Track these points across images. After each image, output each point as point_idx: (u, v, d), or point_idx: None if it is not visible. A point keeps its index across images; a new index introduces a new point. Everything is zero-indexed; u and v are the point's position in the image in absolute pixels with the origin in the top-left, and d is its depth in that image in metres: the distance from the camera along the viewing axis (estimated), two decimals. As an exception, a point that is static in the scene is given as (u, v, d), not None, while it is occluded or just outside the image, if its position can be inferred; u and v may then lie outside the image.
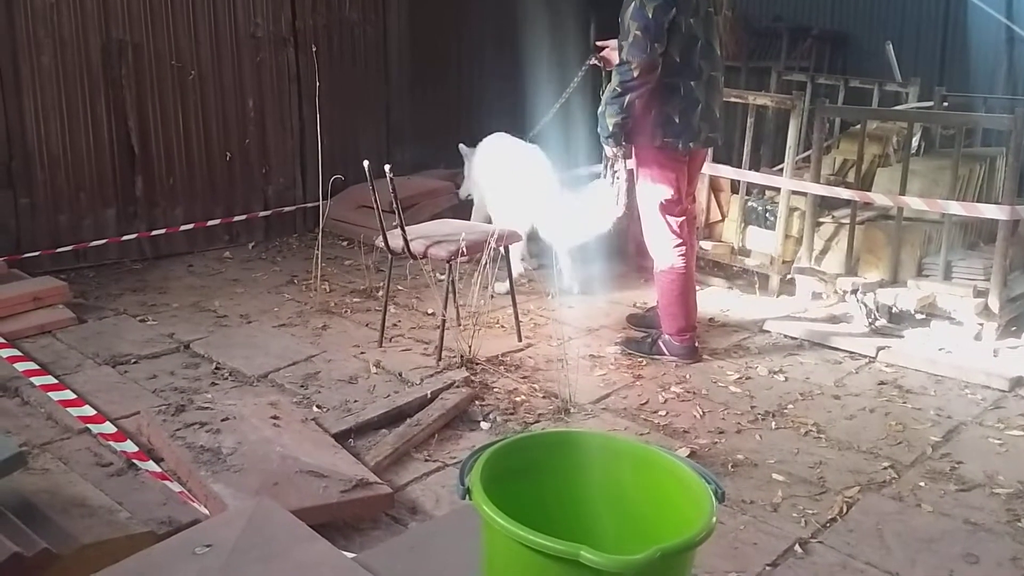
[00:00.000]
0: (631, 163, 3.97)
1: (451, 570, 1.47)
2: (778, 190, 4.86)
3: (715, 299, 4.88)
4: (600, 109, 3.72)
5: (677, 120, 3.70)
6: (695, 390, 3.76)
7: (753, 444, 3.31)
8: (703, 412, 3.55)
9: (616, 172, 3.90)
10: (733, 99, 4.88)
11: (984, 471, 3.11)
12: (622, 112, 3.62)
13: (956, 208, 4.24)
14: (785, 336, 4.35)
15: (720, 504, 1.37)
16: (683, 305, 3.96)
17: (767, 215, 4.96)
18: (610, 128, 3.69)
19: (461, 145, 5.34)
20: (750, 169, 4.99)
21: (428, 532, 1.92)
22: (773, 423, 3.47)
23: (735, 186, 5.10)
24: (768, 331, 4.40)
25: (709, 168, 4.78)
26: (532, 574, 1.21)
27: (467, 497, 1.30)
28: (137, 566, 1.31)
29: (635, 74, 3.56)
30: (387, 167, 3.81)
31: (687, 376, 3.89)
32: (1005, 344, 4.14)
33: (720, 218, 5.27)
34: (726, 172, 5.02)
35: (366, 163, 3.84)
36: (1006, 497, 2.96)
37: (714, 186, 5.19)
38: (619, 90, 3.61)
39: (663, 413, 3.55)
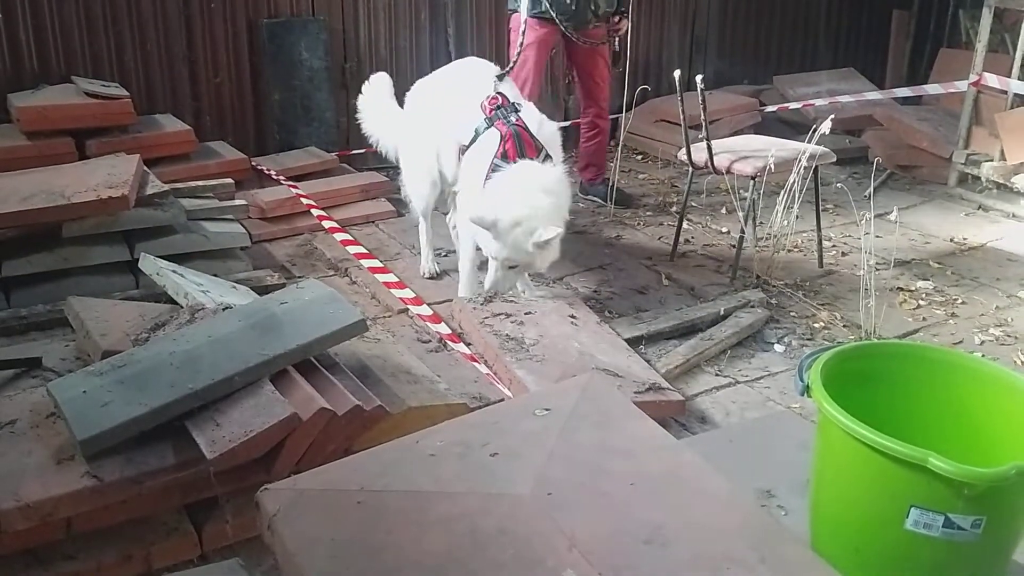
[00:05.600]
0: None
1: (768, 464, 1.48)
2: None
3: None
4: None
5: None
6: (1017, 335, 3.45)
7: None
8: (1025, 360, 3.26)
9: None
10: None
11: None
12: None
13: None
14: None
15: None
16: None
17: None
18: None
19: None
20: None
21: (745, 430, 1.94)
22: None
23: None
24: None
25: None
26: (872, 476, 1.19)
27: (805, 394, 1.30)
28: (488, 417, 1.44)
29: None
30: (699, 78, 3.75)
31: (1009, 319, 3.57)
32: None
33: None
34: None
35: (677, 73, 3.81)
36: None
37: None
38: None
39: (977, 356, 3.28)
